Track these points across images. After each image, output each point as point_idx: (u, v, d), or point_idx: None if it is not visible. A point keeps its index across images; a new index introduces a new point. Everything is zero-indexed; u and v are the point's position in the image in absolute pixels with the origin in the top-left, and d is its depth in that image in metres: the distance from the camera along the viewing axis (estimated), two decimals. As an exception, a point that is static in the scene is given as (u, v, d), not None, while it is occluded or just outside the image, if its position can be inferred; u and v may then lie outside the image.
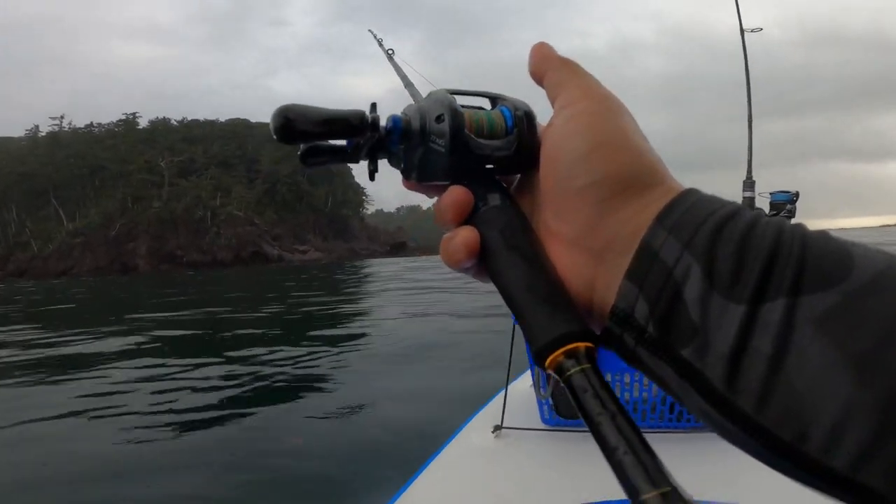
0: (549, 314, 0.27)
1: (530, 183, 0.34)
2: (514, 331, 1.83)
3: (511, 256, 0.29)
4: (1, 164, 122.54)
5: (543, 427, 1.84)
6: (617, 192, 0.28)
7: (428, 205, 0.35)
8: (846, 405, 0.20)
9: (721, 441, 0.25)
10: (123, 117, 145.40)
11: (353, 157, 0.35)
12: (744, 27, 5.01)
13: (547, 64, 0.33)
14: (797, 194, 4.81)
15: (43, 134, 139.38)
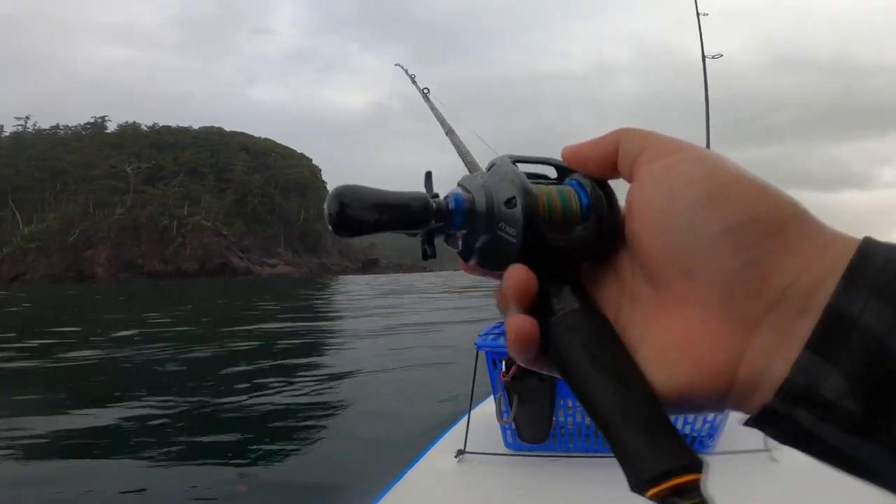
0: (650, 444, 0.24)
1: (610, 266, 0.30)
2: (477, 356, 1.87)
3: (600, 378, 0.26)
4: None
5: (506, 452, 1.86)
6: (764, 238, 0.24)
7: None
8: None
9: None
10: (92, 120, 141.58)
11: (410, 231, 0.32)
12: (705, 53, 5.21)
13: (608, 142, 0.29)
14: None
15: (6, 134, 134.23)
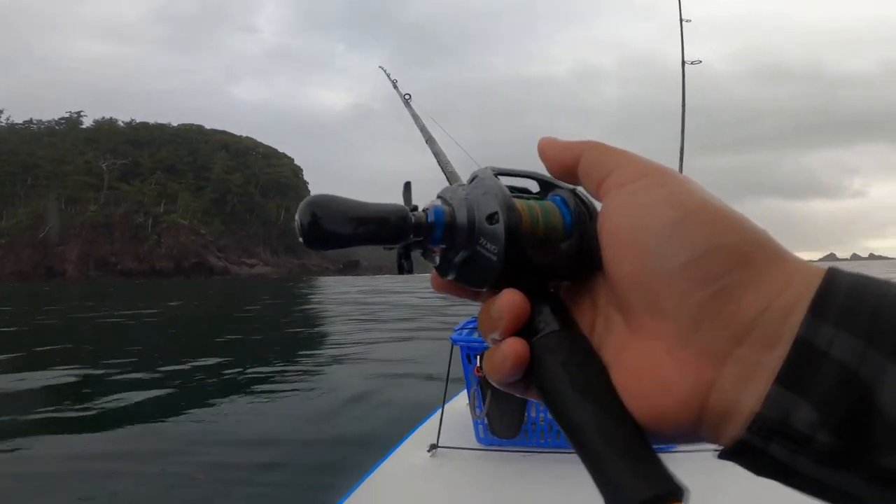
0: (632, 471, 0.23)
1: (587, 287, 0.29)
2: (452, 351, 1.89)
3: (581, 400, 0.25)
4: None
5: (478, 447, 1.89)
6: (731, 268, 0.23)
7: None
8: None
9: None
10: (67, 115, 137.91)
11: (387, 246, 0.31)
12: (685, 59, 5.30)
13: (574, 149, 0.29)
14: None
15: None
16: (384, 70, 1.33)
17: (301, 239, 0.27)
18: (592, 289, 0.29)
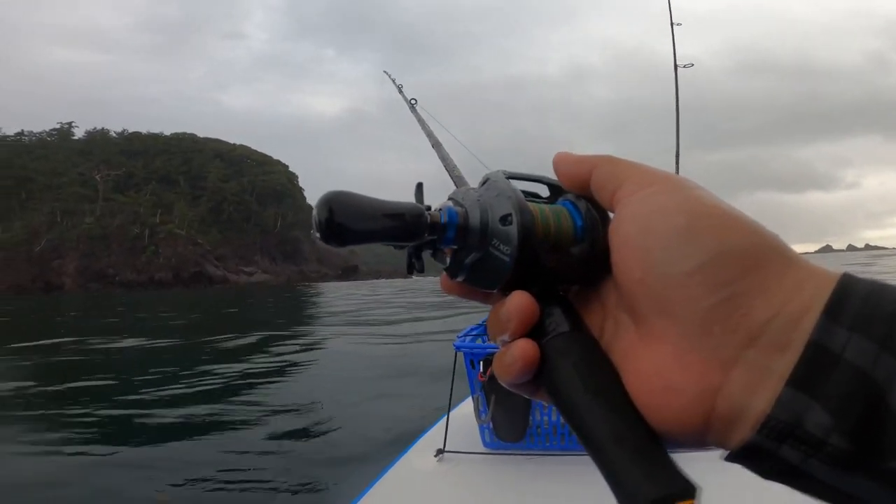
0: (644, 471, 0.23)
1: (596, 291, 0.30)
2: (455, 357, 1.92)
3: (592, 401, 0.25)
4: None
5: (484, 451, 1.91)
6: (743, 273, 0.23)
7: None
8: None
9: None
10: (58, 126, 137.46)
11: (398, 244, 0.31)
12: (677, 63, 5.35)
13: (587, 163, 0.29)
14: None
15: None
16: (389, 75, 1.31)
17: (318, 234, 0.27)
18: (602, 292, 0.29)
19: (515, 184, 0.30)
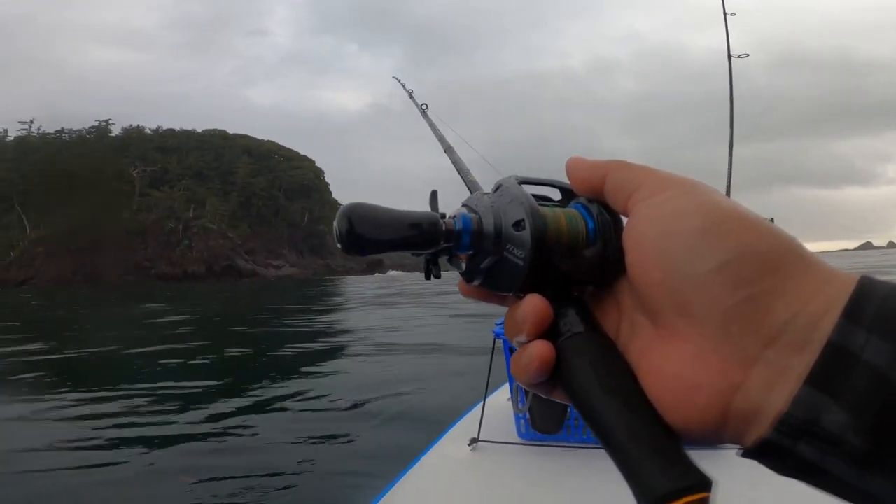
0: (660, 465, 0.24)
1: (611, 292, 0.30)
2: (494, 344, 1.87)
3: (608, 398, 0.26)
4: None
5: (519, 441, 1.86)
6: (763, 273, 0.24)
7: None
8: None
9: None
10: (96, 124, 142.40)
11: (416, 252, 0.31)
12: (731, 53, 5.17)
13: (600, 168, 0.30)
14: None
15: (11, 138, 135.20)
16: (399, 81, 1.31)
17: (339, 245, 0.29)
18: (617, 293, 0.30)
19: (528, 189, 0.31)
